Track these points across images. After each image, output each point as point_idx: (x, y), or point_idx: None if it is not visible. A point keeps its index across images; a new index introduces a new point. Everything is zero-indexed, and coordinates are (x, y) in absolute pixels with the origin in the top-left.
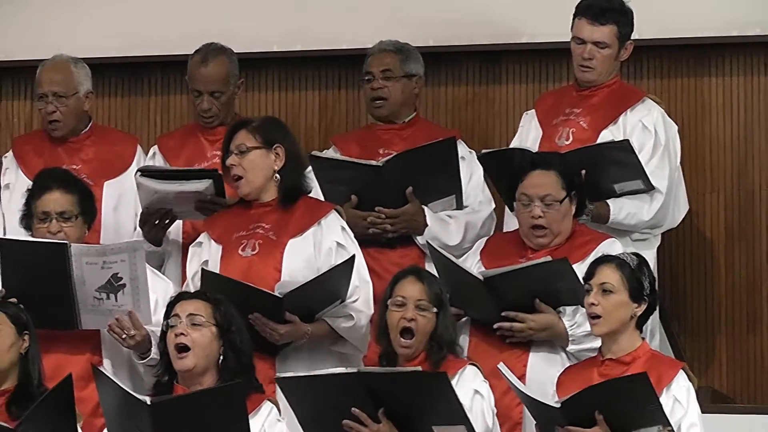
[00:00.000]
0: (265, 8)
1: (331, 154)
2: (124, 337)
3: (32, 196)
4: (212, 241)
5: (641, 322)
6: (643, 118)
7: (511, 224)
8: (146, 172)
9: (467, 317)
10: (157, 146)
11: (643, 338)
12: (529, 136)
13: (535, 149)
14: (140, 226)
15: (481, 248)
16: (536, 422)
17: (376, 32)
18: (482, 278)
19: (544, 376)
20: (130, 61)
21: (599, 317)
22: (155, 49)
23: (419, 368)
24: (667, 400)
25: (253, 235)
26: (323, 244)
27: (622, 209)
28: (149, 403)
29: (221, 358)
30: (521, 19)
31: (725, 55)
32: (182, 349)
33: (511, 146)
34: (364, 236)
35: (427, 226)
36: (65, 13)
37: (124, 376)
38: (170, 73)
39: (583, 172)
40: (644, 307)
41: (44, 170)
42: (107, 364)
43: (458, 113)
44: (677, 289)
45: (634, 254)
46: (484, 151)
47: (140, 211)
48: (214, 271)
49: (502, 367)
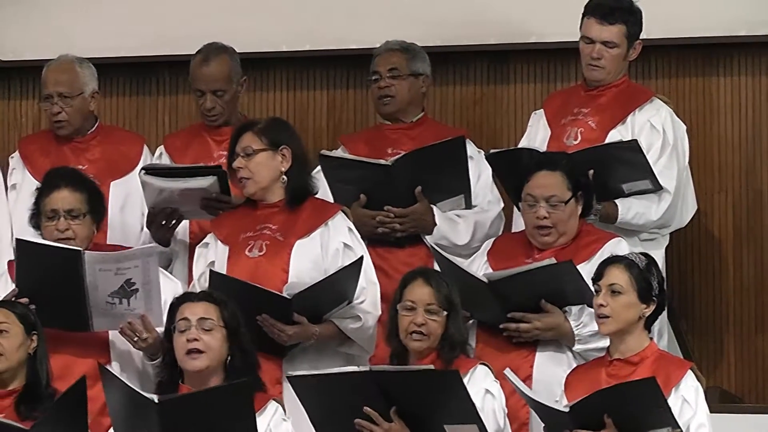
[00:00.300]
0: (273, 8)
1: (340, 153)
2: (136, 339)
3: (41, 194)
4: (219, 241)
5: (650, 322)
6: (651, 117)
7: (519, 224)
8: (150, 170)
9: (473, 320)
10: (163, 146)
11: (651, 338)
12: (537, 135)
13: (543, 149)
14: (147, 226)
15: (488, 249)
16: (544, 426)
17: (384, 32)
18: (487, 281)
19: (550, 376)
20: (138, 60)
21: (607, 317)
22: (164, 48)
23: (431, 366)
24: (675, 400)
25: (260, 236)
26: (330, 245)
27: (630, 209)
28: (157, 401)
29: (228, 358)
30: (529, 18)
31: (733, 54)
32: (195, 352)
33: (519, 146)
34: (372, 235)
35: (436, 225)
36: (74, 12)
37: (132, 376)
38: (179, 72)
39: (591, 172)
40: (653, 307)
41: (53, 169)
42: (115, 365)
43: (466, 113)
44: (685, 288)
45: (642, 254)
46: (492, 150)
47: (147, 210)
48: (221, 272)
49: (508, 372)
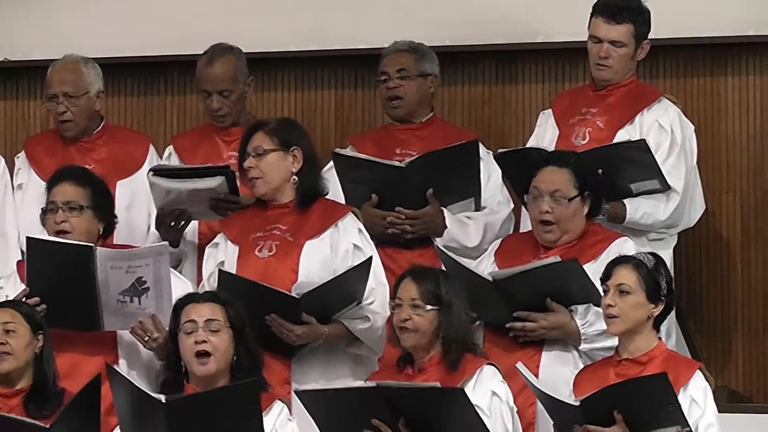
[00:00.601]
0: (281, 8)
1: (353, 153)
2: (146, 339)
3: (48, 191)
4: (228, 241)
5: (658, 322)
6: (659, 117)
7: (528, 225)
8: (158, 171)
9: (479, 321)
10: (172, 146)
11: (659, 338)
12: (545, 135)
13: (551, 149)
14: (156, 228)
15: (495, 249)
16: (554, 422)
17: (392, 32)
18: (492, 279)
19: (556, 376)
20: (146, 60)
21: (616, 317)
22: (172, 49)
23: (438, 384)
24: (683, 400)
25: (269, 236)
26: (340, 246)
27: (638, 209)
28: (164, 401)
29: (234, 358)
30: (538, 18)
31: (741, 54)
32: (203, 354)
33: (527, 146)
34: (382, 236)
35: (446, 227)
36: (82, 12)
37: (140, 376)
38: (187, 72)
39: (599, 171)
40: (661, 307)
41: (63, 166)
42: (123, 364)
43: (474, 113)
44: (694, 288)
45: (651, 254)
46: (500, 150)
47: (153, 210)
48: (231, 271)
49: (520, 366)
